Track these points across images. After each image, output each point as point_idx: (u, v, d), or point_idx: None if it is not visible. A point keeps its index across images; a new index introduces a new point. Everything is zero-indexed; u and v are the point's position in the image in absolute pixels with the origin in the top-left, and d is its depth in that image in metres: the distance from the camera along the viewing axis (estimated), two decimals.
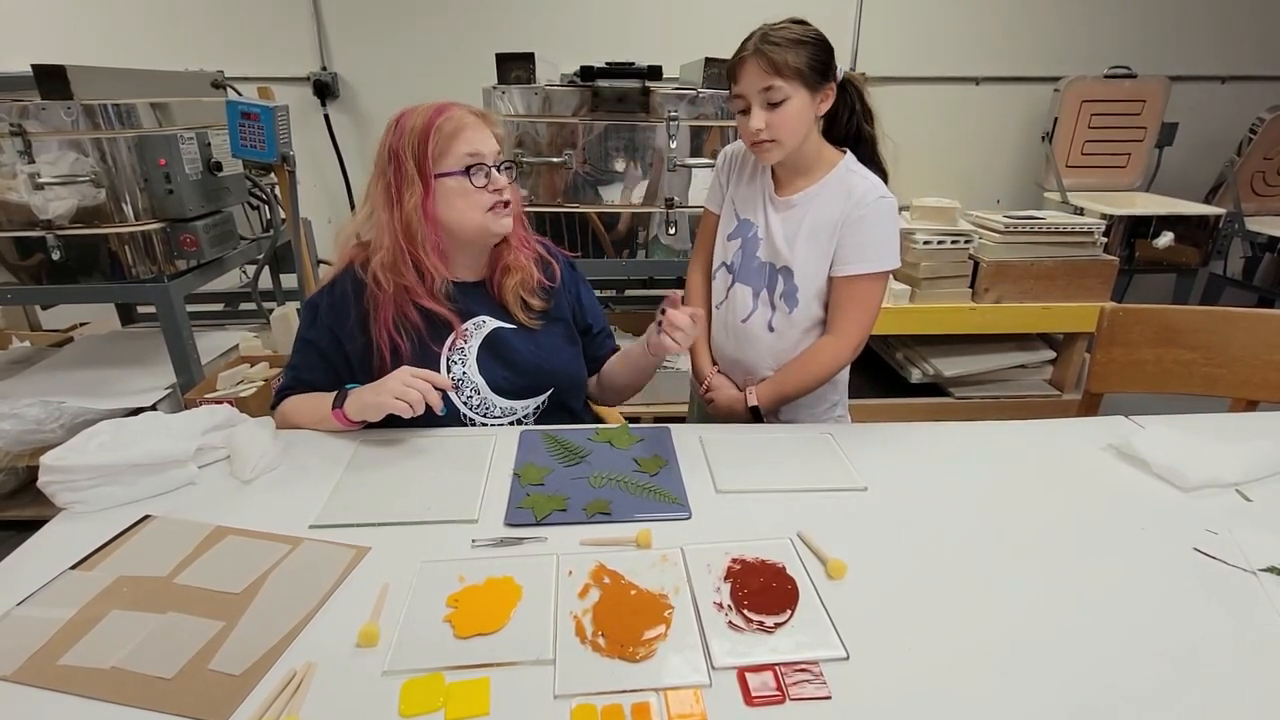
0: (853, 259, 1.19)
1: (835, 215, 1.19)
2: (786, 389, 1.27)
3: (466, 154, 1.10)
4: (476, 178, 1.11)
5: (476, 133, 1.12)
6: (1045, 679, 0.67)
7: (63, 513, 0.92)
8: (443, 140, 1.09)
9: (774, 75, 1.10)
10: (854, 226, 1.18)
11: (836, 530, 0.88)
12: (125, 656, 0.69)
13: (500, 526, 0.90)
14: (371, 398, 1.07)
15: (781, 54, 1.10)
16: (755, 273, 1.28)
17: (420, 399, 1.04)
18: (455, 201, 1.11)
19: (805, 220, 1.21)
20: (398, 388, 1.05)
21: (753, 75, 1.12)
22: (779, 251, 1.24)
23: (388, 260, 1.11)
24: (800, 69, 1.11)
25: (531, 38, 2.88)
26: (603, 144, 2.13)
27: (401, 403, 1.04)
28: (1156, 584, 0.80)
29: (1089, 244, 2.51)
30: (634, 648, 0.70)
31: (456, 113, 1.11)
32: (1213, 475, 0.99)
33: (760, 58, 1.11)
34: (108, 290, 1.95)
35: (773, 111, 1.12)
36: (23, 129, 1.73)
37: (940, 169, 3.26)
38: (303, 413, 1.17)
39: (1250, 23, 3.13)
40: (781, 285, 1.26)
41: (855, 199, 1.18)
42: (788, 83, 1.11)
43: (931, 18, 3.04)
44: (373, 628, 0.71)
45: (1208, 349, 1.43)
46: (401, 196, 1.10)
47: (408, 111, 1.12)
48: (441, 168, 1.10)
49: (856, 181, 1.20)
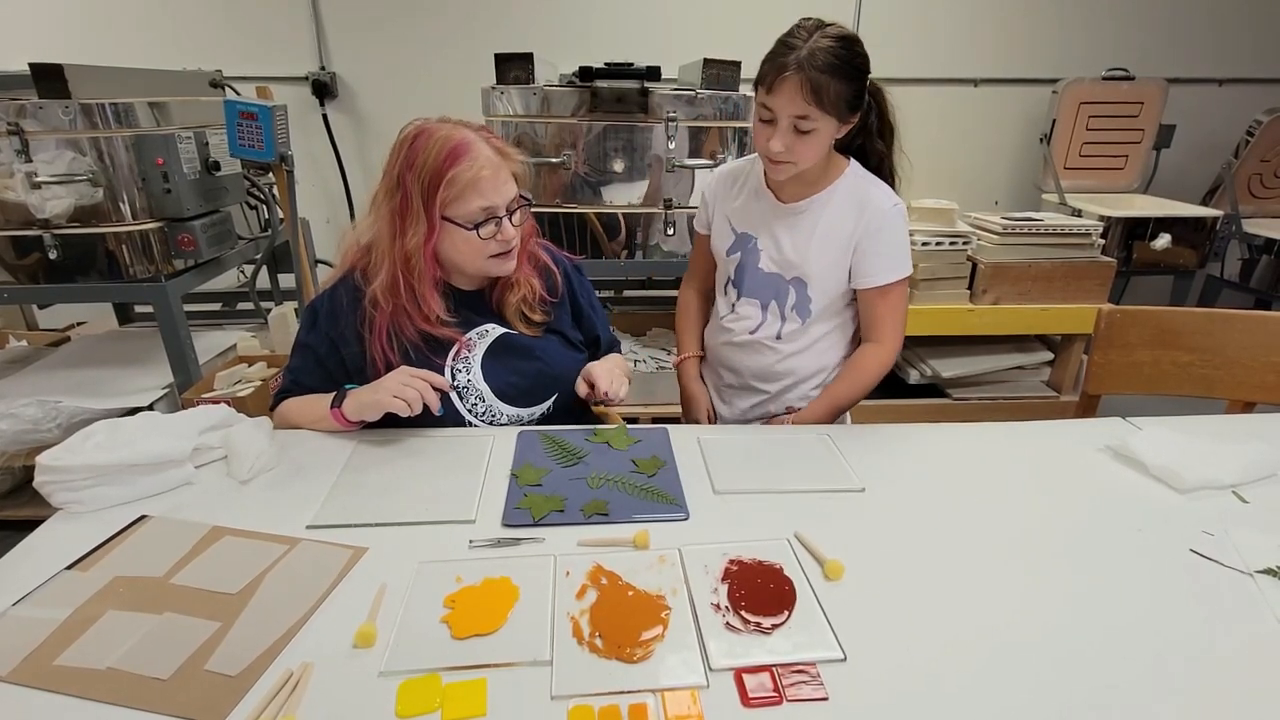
0: (882, 269, 1.20)
1: (850, 225, 1.18)
2: (841, 402, 1.26)
3: (480, 208, 1.06)
4: (485, 232, 1.08)
5: (492, 183, 1.06)
6: (1042, 680, 0.67)
7: (59, 513, 0.92)
8: (455, 191, 1.05)
9: (813, 104, 1.04)
10: (875, 237, 1.18)
11: (834, 531, 0.88)
12: (121, 657, 0.68)
13: (498, 527, 0.90)
14: (369, 396, 1.07)
15: (827, 82, 1.02)
16: (762, 285, 1.27)
17: (418, 398, 1.04)
18: (459, 245, 1.10)
19: (817, 228, 1.20)
20: (395, 386, 1.05)
21: (791, 98, 1.04)
22: (790, 261, 1.22)
23: (386, 284, 1.09)
24: (839, 102, 1.05)
25: (530, 38, 2.88)
26: (601, 145, 2.13)
27: (399, 401, 1.04)
28: (1153, 585, 0.80)
29: (1087, 246, 2.51)
30: (631, 649, 0.70)
31: (473, 162, 1.05)
32: (1209, 477, 0.99)
33: (804, 81, 1.02)
34: (105, 290, 1.94)
35: (799, 138, 1.07)
36: (20, 128, 1.73)
37: (938, 170, 3.26)
38: (301, 414, 1.16)
39: (1247, 26, 3.14)
40: (794, 297, 1.25)
41: (871, 209, 1.17)
42: (824, 114, 1.05)
43: (931, 19, 3.05)
44: (370, 628, 0.71)
45: (1205, 351, 1.43)
46: (405, 228, 1.07)
47: (422, 134, 1.06)
48: (450, 214, 1.07)
49: (870, 189, 1.19)
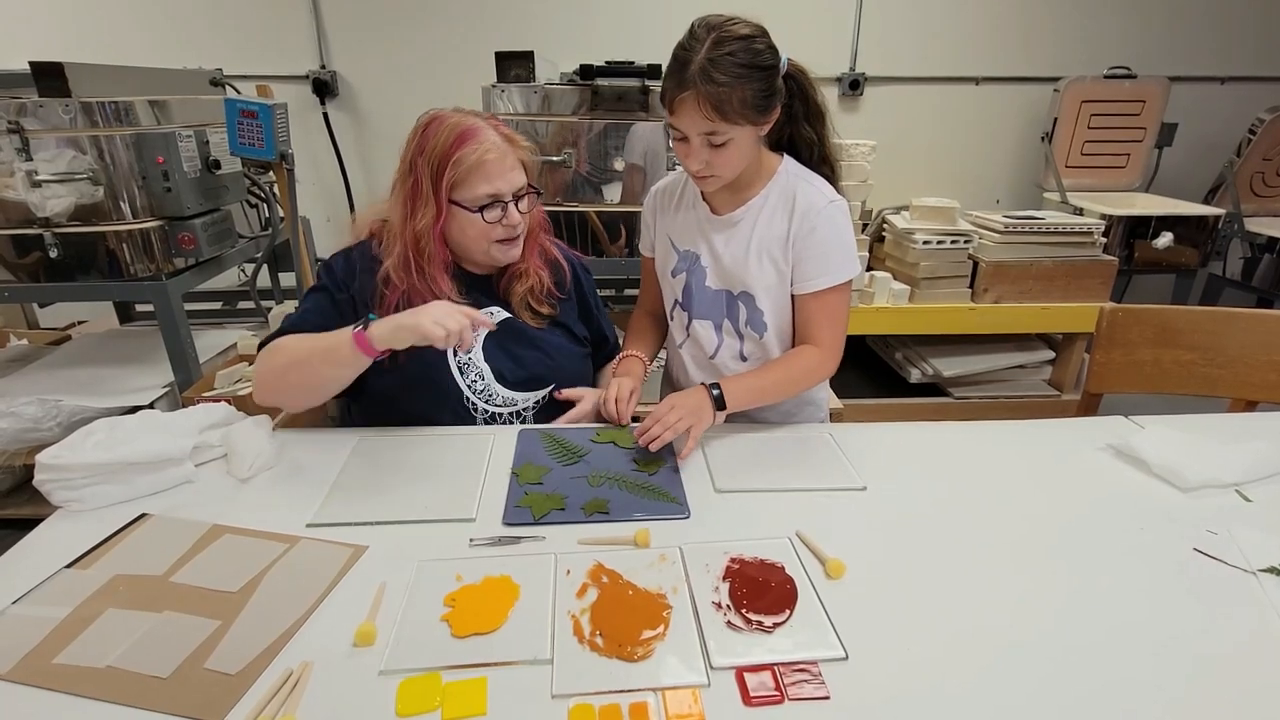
0: (814, 273, 1.12)
1: (783, 229, 1.12)
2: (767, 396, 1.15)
3: (485, 193, 1.08)
4: (489, 215, 1.09)
5: (498, 167, 1.08)
6: (1045, 678, 0.67)
7: (59, 511, 0.92)
8: (461, 173, 1.07)
9: (718, 119, 0.98)
10: (808, 239, 1.11)
11: (835, 530, 0.88)
12: (121, 655, 0.68)
13: (498, 525, 0.90)
14: (409, 319, 0.97)
15: (726, 94, 0.96)
16: (711, 304, 1.21)
17: (458, 332, 0.96)
18: (465, 229, 1.11)
19: (753, 237, 1.14)
20: (440, 314, 0.97)
21: (693, 117, 0.99)
22: (732, 275, 1.16)
23: (399, 264, 1.10)
24: (745, 109, 0.99)
25: (531, 36, 2.87)
26: (602, 143, 2.13)
27: (440, 329, 0.95)
28: (1156, 584, 0.80)
29: (1088, 244, 2.51)
30: (632, 647, 0.69)
31: (480, 144, 1.07)
32: (1212, 475, 0.98)
33: (700, 99, 0.97)
34: (105, 288, 1.95)
35: (715, 151, 1.02)
36: (20, 126, 1.73)
37: (940, 169, 3.26)
38: (300, 347, 1.04)
39: (1249, 23, 3.13)
40: (744, 312, 1.18)
41: (803, 209, 1.10)
42: (732, 125, 1.00)
43: (931, 18, 3.04)
44: (370, 627, 0.71)
45: (1207, 349, 1.42)
46: (415, 210, 1.09)
47: (435, 120, 1.09)
48: (457, 197, 1.09)
49: (801, 189, 1.12)
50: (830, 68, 3.06)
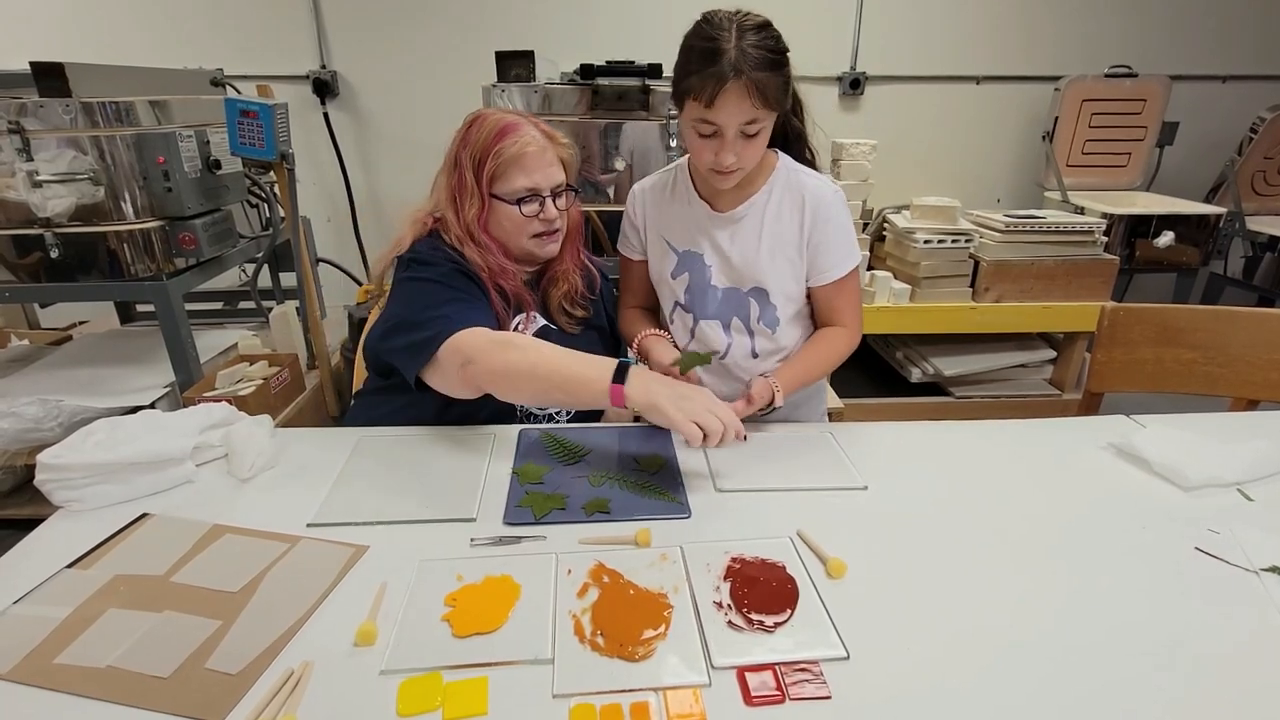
0: (834, 263, 1.16)
1: (796, 224, 1.13)
2: (809, 377, 1.19)
3: (523, 185, 1.11)
4: (527, 209, 1.12)
5: (536, 161, 1.11)
6: (1046, 677, 0.67)
7: (60, 511, 0.92)
8: (501, 165, 1.10)
9: (761, 106, 0.98)
10: (824, 231, 1.13)
11: (836, 529, 0.88)
12: (122, 655, 0.68)
13: (499, 525, 0.90)
14: (669, 406, 0.90)
15: (768, 80, 0.96)
16: (720, 304, 1.20)
17: (716, 435, 0.89)
18: (504, 223, 1.14)
19: (764, 232, 1.14)
20: (699, 410, 0.90)
21: (739, 106, 0.97)
22: (742, 272, 1.16)
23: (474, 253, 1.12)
24: (781, 96, 1.00)
25: (531, 36, 2.87)
26: (603, 142, 2.13)
27: (694, 427, 0.89)
28: (1157, 583, 0.80)
29: (1089, 243, 2.51)
30: (633, 647, 0.69)
31: (520, 138, 1.10)
32: (1214, 474, 0.98)
33: (748, 87, 0.96)
34: (106, 289, 1.94)
35: (747, 142, 1.01)
36: (21, 127, 1.72)
37: (940, 168, 3.26)
38: (542, 363, 0.97)
39: (1250, 22, 3.12)
40: (757, 309, 1.19)
41: (813, 204, 1.12)
42: (770, 113, 1.00)
43: (931, 17, 3.04)
44: (370, 627, 0.71)
45: (1208, 348, 1.42)
46: (462, 204, 1.12)
47: (480, 117, 1.13)
48: (496, 190, 1.12)
49: (806, 181, 1.14)
50: (831, 67, 3.05)
